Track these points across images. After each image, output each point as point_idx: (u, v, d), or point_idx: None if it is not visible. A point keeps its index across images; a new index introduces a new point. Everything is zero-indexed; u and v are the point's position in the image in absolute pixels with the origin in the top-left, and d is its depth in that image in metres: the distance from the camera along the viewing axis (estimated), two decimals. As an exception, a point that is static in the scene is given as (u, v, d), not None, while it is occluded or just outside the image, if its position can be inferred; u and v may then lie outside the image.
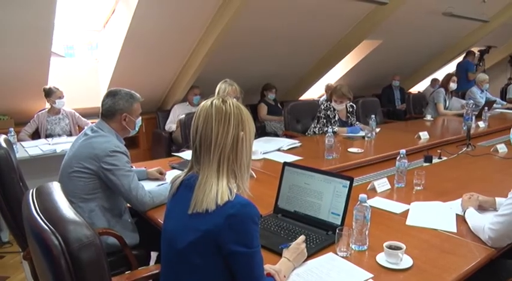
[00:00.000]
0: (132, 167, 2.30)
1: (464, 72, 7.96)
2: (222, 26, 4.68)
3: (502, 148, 3.47)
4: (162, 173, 2.69)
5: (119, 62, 4.82)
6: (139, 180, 2.27)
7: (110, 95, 2.28)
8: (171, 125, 5.39)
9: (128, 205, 2.28)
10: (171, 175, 2.58)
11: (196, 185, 1.34)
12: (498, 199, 2.10)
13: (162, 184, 2.42)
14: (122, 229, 2.21)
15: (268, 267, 1.46)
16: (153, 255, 2.43)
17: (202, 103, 1.40)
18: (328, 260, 1.64)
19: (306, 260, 1.62)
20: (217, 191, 1.30)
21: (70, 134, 4.57)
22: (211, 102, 1.37)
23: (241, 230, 1.27)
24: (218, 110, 1.35)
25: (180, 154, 3.26)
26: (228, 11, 4.56)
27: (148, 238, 2.27)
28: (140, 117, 2.39)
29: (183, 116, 3.94)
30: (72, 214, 1.13)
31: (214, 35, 4.80)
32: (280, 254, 1.60)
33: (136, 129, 2.40)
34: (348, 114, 4.37)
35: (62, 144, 3.87)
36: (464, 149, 3.57)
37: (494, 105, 6.30)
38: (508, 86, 8.55)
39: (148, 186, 2.33)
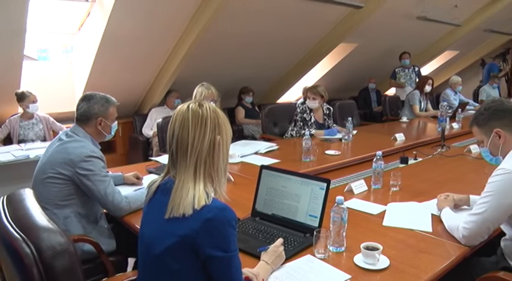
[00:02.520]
0: (108, 172, 2.27)
1: (489, 73, 8.37)
2: (199, 30, 4.67)
3: (475, 149, 3.54)
4: (138, 178, 2.66)
5: (94, 66, 4.75)
6: (115, 185, 2.24)
7: (85, 99, 2.25)
8: (147, 129, 5.34)
9: (104, 210, 2.25)
10: (148, 179, 2.55)
11: (173, 190, 1.33)
12: (472, 197, 2.16)
13: (139, 189, 2.40)
14: (98, 235, 2.17)
15: (246, 271, 1.46)
16: (131, 261, 2.40)
17: (179, 107, 1.39)
18: (306, 262, 1.65)
19: (284, 262, 1.62)
20: (194, 195, 1.29)
21: (44, 140, 4.48)
22: (188, 106, 1.37)
23: (218, 234, 1.27)
24: (195, 114, 1.35)
25: (157, 158, 3.23)
26: (205, 14, 4.56)
27: (125, 243, 2.24)
28: (116, 122, 2.36)
29: (160, 119, 3.91)
30: (45, 221, 1.10)
31: (191, 38, 4.79)
32: (258, 258, 1.60)
33: (112, 133, 2.37)
34: (325, 117, 4.40)
35: (36, 150, 3.79)
36: (439, 150, 3.64)
37: (467, 107, 6.44)
38: (480, 88, 8.75)
39: (125, 191, 2.30)
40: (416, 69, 7.31)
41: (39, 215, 1.14)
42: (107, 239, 2.21)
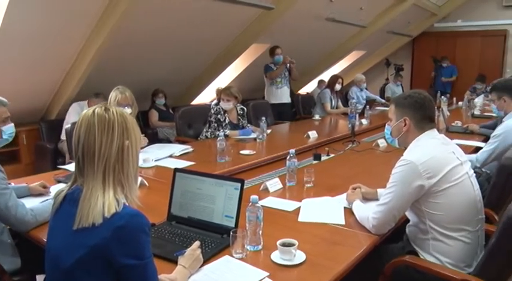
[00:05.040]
0: (9, 183, 2.10)
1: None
2: (109, 29, 4.46)
3: (382, 143, 3.76)
4: (45, 187, 2.49)
5: (-12, 67, 4.37)
6: (20, 197, 2.09)
7: None
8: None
9: (7, 226, 2.08)
10: (57, 189, 2.41)
11: (81, 199, 1.27)
12: (379, 190, 2.28)
13: (46, 200, 2.25)
14: (-1, 254, 2.01)
15: (163, 277, 1.43)
16: (39, 278, 2.24)
17: (84, 112, 1.34)
18: (224, 263, 1.65)
19: (202, 265, 1.61)
20: (103, 203, 1.25)
21: None
22: (94, 111, 1.32)
23: (131, 242, 1.23)
24: (101, 118, 1.30)
25: (66, 167, 3.06)
26: (115, 13, 4.37)
27: (32, 260, 2.08)
28: (12, 124, 2.18)
29: (69, 125, 3.70)
30: None
31: (101, 38, 4.56)
32: (175, 262, 1.57)
33: (7, 138, 2.19)
34: (239, 117, 4.43)
35: None
36: (349, 145, 3.81)
37: (375, 103, 6.84)
38: (386, 86, 9.33)
39: (31, 203, 2.15)
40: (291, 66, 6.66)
41: None
42: (9, 257, 2.04)
